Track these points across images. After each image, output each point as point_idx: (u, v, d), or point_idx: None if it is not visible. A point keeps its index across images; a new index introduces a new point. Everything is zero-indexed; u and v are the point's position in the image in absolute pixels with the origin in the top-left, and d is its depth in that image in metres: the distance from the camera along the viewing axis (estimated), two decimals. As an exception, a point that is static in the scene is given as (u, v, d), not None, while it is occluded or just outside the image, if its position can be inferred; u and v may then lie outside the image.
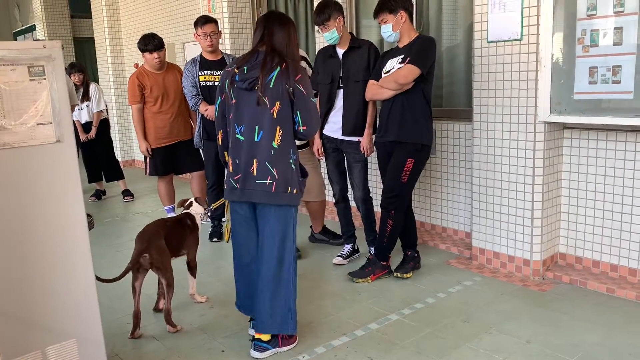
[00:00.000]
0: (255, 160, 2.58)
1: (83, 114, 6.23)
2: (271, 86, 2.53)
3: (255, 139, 2.58)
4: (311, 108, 2.61)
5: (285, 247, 2.65)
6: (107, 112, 6.59)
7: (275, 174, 2.58)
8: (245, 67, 2.59)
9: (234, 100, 2.63)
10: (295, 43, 2.66)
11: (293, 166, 2.63)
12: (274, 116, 2.56)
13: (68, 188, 2.08)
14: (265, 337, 2.69)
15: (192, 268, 3.29)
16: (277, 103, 2.55)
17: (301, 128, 2.59)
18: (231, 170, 2.69)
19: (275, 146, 2.57)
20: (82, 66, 6.33)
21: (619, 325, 2.91)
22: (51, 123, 2.01)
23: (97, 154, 6.37)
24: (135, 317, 2.95)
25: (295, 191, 2.63)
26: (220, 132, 2.76)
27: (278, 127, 2.56)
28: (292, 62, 2.58)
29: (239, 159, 2.63)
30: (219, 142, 2.79)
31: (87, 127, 6.23)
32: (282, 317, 2.67)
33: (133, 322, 2.96)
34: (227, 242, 3.15)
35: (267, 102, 2.55)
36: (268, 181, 2.58)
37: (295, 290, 2.71)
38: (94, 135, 6.20)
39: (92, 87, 6.23)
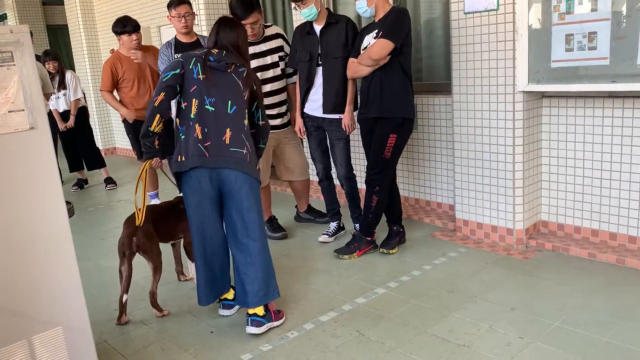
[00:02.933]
0: (228, 130, 2.65)
1: (60, 103, 6.12)
2: (244, 75, 2.73)
3: (228, 111, 2.67)
4: (263, 107, 2.89)
5: (262, 218, 2.81)
6: (85, 100, 6.49)
7: (249, 146, 2.72)
8: (223, 53, 2.69)
9: (202, 76, 2.64)
10: (246, 46, 2.87)
11: (253, 147, 2.82)
12: (245, 99, 2.75)
13: (45, 174, 2.05)
14: (260, 311, 2.71)
15: (189, 252, 3.27)
16: (247, 91, 2.75)
17: (260, 123, 2.86)
18: (200, 137, 2.64)
19: (246, 125, 2.75)
20: (56, 53, 6.21)
21: (600, 288, 2.97)
22: (23, 110, 1.97)
23: (77, 143, 6.28)
24: (121, 302, 2.94)
25: (258, 168, 2.80)
26: (162, 94, 2.63)
27: (246, 111, 2.77)
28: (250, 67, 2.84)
29: (208, 127, 2.64)
30: (156, 104, 2.63)
31: (65, 116, 6.12)
32: (272, 286, 2.77)
33: (119, 308, 2.95)
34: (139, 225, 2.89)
35: (241, 86, 2.72)
36: (245, 151, 2.68)
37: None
38: (72, 124, 6.10)
39: (68, 75, 6.11)
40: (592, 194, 3.45)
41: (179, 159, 2.69)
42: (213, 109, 2.65)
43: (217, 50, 2.71)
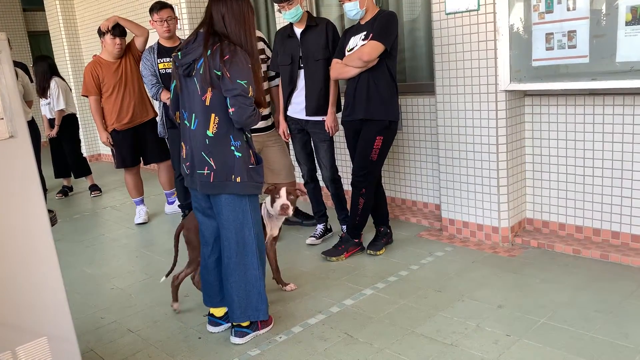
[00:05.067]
0: (194, 148, 2.52)
1: (47, 110, 6.06)
2: (201, 72, 2.42)
3: (192, 127, 2.51)
4: (236, 90, 2.38)
5: (245, 235, 2.57)
6: (76, 108, 6.40)
7: (213, 163, 2.48)
8: (180, 53, 2.52)
9: (178, 84, 2.58)
10: (240, 19, 2.45)
11: (237, 153, 2.49)
12: (207, 104, 2.44)
13: (25, 184, 2.02)
14: (245, 322, 2.69)
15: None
16: (209, 90, 2.42)
17: (230, 110, 2.42)
18: (184, 157, 2.64)
19: (211, 135, 2.46)
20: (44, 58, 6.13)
21: (585, 284, 3.00)
22: (2, 118, 1.94)
23: (64, 150, 6.22)
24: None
25: (239, 179, 2.49)
26: (177, 113, 2.67)
27: (213, 115, 2.45)
28: (227, 43, 2.40)
29: (188, 145, 2.58)
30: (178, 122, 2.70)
31: (52, 123, 6.07)
32: (253, 304, 2.63)
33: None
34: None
35: (198, 89, 2.46)
36: (205, 171, 2.50)
37: (262, 276, 2.67)
38: (55, 134, 6.03)
39: (52, 83, 5.93)
40: (575, 191, 3.49)
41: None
42: (188, 124, 2.54)
43: (185, 43, 2.50)
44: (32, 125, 5.15)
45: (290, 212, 2.97)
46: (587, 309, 2.72)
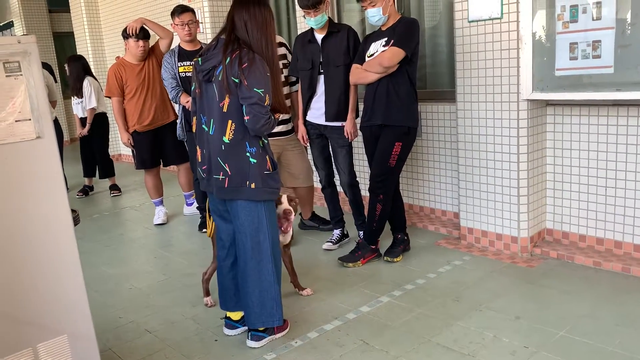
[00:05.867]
0: (211, 153, 2.55)
1: (79, 109, 6.17)
2: (220, 78, 2.43)
3: (210, 132, 2.53)
4: (253, 99, 2.40)
5: (260, 240, 2.57)
6: (106, 108, 6.50)
7: (228, 169, 2.50)
8: (200, 59, 2.54)
9: (198, 90, 2.59)
10: (262, 26, 2.46)
11: (252, 159, 2.50)
12: (224, 110, 2.46)
13: (51, 183, 2.06)
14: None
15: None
16: (227, 96, 2.44)
17: (245, 118, 2.43)
18: (199, 160, 2.66)
19: (227, 141, 2.48)
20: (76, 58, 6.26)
21: (606, 297, 2.96)
22: (30, 119, 1.98)
23: (93, 150, 6.33)
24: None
25: (253, 185, 2.50)
26: (195, 118, 2.69)
27: (230, 121, 2.46)
28: (246, 50, 2.42)
29: (205, 149, 2.59)
30: (193, 129, 2.71)
31: (85, 122, 6.19)
32: (268, 310, 2.64)
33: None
34: (209, 237, 3.14)
35: (216, 95, 2.48)
36: (221, 177, 2.52)
37: (278, 282, 2.67)
38: (86, 132, 6.15)
39: (85, 82, 6.09)
40: (597, 202, 3.44)
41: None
42: (206, 128, 2.55)
43: (207, 49, 2.53)
44: (55, 125, 5.24)
45: (293, 217, 2.99)
46: (607, 323, 2.68)
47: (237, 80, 2.40)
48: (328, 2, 3.61)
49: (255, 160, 2.52)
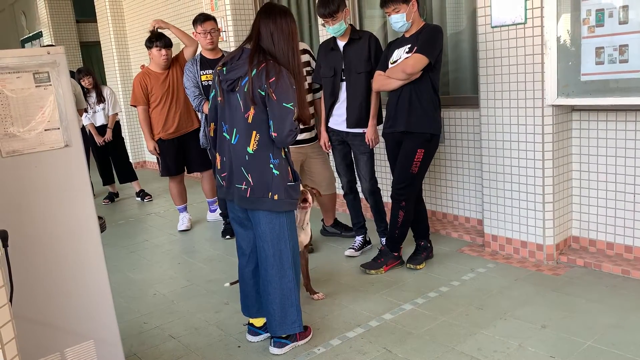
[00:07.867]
0: (234, 161, 2.55)
1: (98, 117, 6.27)
2: (245, 90, 2.43)
3: (233, 142, 2.53)
4: (282, 115, 2.43)
5: (281, 248, 2.58)
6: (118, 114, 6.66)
7: (251, 179, 2.50)
8: (225, 68, 2.54)
9: (220, 98, 2.60)
10: (288, 37, 2.49)
11: (275, 171, 2.51)
12: (249, 121, 2.46)
13: (78, 191, 2.10)
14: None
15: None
16: (252, 108, 2.44)
17: (273, 134, 2.46)
18: (219, 167, 2.67)
19: (251, 152, 2.48)
20: (89, 69, 6.39)
21: (635, 306, 2.89)
22: (59, 128, 2.03)
23: (111, 156, 6.44)
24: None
25: (276, 197, 2.51)
26: (212, 124, 2.70)
27: (254, 132, 2.47)
28: (273, 62, 2.43)
29: (225, 157, 2.60)
30: (211, 134, 2.72)
31: (102, 130, 6.28)
32: (289, 318, 2.65)
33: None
34: None
35: (241, 105, 2.48)
36: (243, 186, 2.53)
37: (298, 287, 2.68)
38: (110, 137, 6.25)
39: (107, 89, 6.29)
40: (625, 209, 3.37)
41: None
42: (228, 136, 2.56)
43: (229, 57, 2.53)
44: (82, 133, 5.34)
45: (310, 203, 3.03)
46: (636, 333, 2.62)
47: (263, 93, 2.41)
48: (347, 11, 3.62)
49: (278, 172, 2.53)
